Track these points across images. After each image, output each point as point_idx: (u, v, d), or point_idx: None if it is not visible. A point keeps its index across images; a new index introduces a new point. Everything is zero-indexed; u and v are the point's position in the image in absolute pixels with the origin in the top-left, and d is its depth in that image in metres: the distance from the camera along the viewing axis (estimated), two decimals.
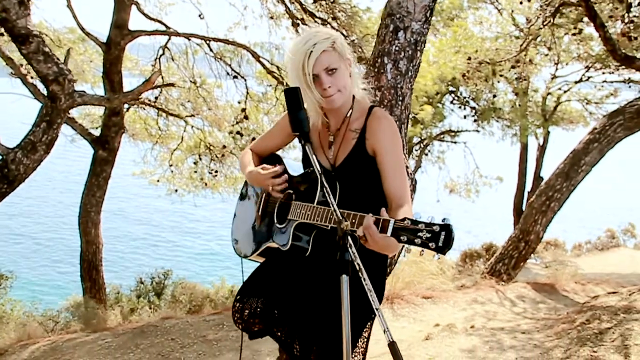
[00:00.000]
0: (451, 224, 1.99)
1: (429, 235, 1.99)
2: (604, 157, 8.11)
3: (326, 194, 2.24)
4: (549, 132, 15.52)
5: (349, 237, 2.10)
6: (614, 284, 8.31)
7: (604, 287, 7.94)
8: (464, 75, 10.60)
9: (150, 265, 18.34)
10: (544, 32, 9.88)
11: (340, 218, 2.16)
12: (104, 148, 9.91)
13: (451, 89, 13.03)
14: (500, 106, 13.79)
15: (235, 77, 10.87)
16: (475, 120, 13.82)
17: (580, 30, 10.21)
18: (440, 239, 1.97)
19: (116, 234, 23.27)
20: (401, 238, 2.05)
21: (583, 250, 17.64)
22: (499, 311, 6.61)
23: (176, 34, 10.17)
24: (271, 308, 2.69)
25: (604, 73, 13.74)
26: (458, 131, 14.77)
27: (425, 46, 3.65)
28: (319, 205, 2.50)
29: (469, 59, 10.02)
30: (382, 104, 3.47)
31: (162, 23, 10.26)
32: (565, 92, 14.99)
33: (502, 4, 11.16)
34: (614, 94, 14.58)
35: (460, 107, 13.70)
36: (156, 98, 11.23)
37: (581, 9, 8.80)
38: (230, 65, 10.84)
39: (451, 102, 13.90)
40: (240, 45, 10.33)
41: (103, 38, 9.78)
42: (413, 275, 7.20)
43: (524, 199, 17.13)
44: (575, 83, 14.61)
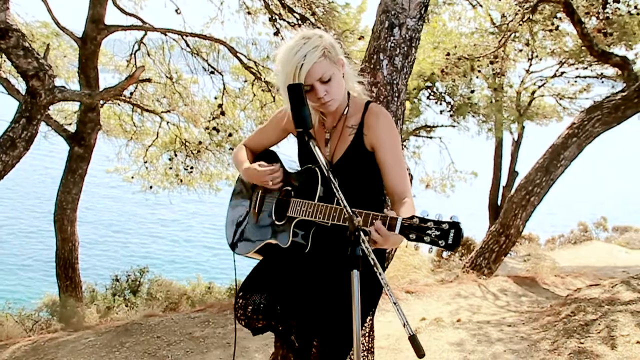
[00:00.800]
0: (460, 222, 2.02)
1: (438, 233, 2.03)
2: (582, 152, 8.25)
3: (334, 189, 2.23)
4: (523, 127, 15.71)
5: (361, 233, 2.10)
6: (591, 276, 8.45)
7: (583, 280, 8.07)
8: (442, 70, 10.67)
9: (123, 262, 18.22)
10: (522, 28, 10.00)
11: (351, 214, 2.16)
12: (80, 144, 9.76)
13: (428, 84, 13.10)
14: (476, 101, 13.90)
15: (212, 73, 10.80)
16: (451, 116, 13.91)
17: (557, 26, 10.36)
18: (450, 236, 2.01)
19: (89, 232, 22.94)
20: (410, 236, 2.09)
21: (556, 244, 17.94)
22: (482, 305, 6.68)
23: (152, 29, 10.06)
24: (274, 304, 2.70)
25: (577, 69, 13.96)
26: (434, 126, 14.86)
27: (419, 43, 3.66)
28: (319, 202, 2.50)
29: (448, 54, 10.08)
30: (379, 100, 3.48)
31: (138, 18, 10.15)
32: (539, 88, 15.19)
33: (479, 0, 11.24)
34: (586, 89, 14.79)
35: (436, 103, 13.79)
36: (131, 94, 11.11)
37: (558, 5, 8.93)
38: (207, 61, 10.76)
39: (427, 98, 13.97)
40: (217, 41, 10.25)
41: (78, 33, 9.63)
42: (396, 270, 7.25)
43: (500, 194, 17.35)
44: (549, 79, 14.80)
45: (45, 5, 9.22)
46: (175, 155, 12.31)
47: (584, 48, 10.36)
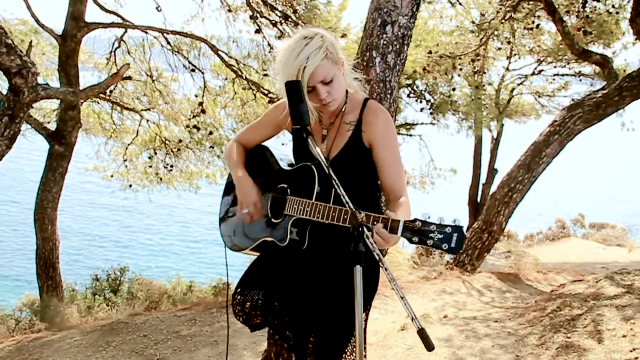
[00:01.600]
0: (462, 225, 2.05)
1: (440, 236, 2.06)
2: (564, 149, 8.35)
3: (335, 187, 2.24)
4: (502, 125, 15.87)
5: (364, 229, 2.11)
6: (572, 272, 8.55)
7: (565, 276, 8.17)
8: (424, 68, 10.73)
9: (102, 261, 18.05)
10: (503, 27, 10.09)
11: (354, 210, 2.17)
12: (61, 143, 9.65)
13: (408, 82, 13.15)
14: (457, 99, 13.99)
15: (192, 71, 10.73)
16: (431, 114, 13.97)
17: (537, 25, 10.47)
18: (453, 240, 2.05)
19: (67, 231, 22.67)
20: (413, 239, 2.11)
21: (535, 241, 18.13)
22: (468, 301, 6.73)
23: (133, 26, 9.99)
24: (271, 300, 2.70)
25: (555, 67, 14.15)
26: (414, 124, 14.91)
27: (411, 40, 3.67)
28: (317, 200, 2.49)
29: (430, 52, 10.14)
30: (371, 97, 3.48)
31: (119, 15, 10.05)
32: (518, 85, 15.36)
33: None
34: (565, 87, 15.01)
35: (416, 101, 13.84)
36: (111, 92, 11.00)
37: (538, 4, 9.02)
38: (187, 59, 10.70)
39: (408, 96, 14.02)
40: (198, 38, 10.21)
41: (58, 30, 9.51)
42: None
43: (479, 191, 17.53)
44: (527, 77, 14.97)
45: (24, 2, 9.09)
46: (155, 153, 12.24)
47: (563, 46, 10.50)
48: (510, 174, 8.51)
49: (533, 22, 10.26)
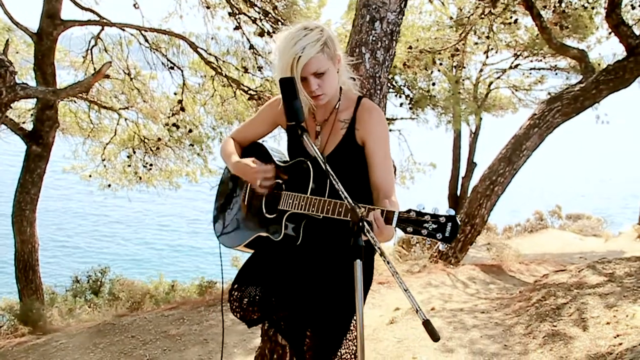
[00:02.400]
0: (456, 215, 2.09)
1: (435, 226, 2.10)
2: (544, 142, 8.46)
3: (333, 182, 2.25)
4: (481, 119, 16.00)
5: (365, 223, 2.13)
6: (553, 263, 8.69)
7: (546, 267, 8.30)
8: (404, 64, 10.78)
9: (81, 263, 17.83)
10: (482, 22, 10.17)
11: (354, 205, 2.19)
12: (38, 143, 9.50)
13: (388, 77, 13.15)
14: (436, 94, 14.06)
15: (171, 68, 10.64)
16: (410, 108, 14.00)
17: (516, 19, 10.59)
18: (447, 229, 2.08)
19: (46, 232, 22.40)
20: (407, 229, 2.14)
21: (513, 232, 18.33)
22: (453, 293, 6.80)
23: (110, 24, 9.84)
24: (268, 296, 2.71)
25: (532, 61, 14.31)
26: (393, 119, 14.94)
27: (399, 36, 3.70)
28: (311, 195, 2.51)
29: (410, 47, 10.20)
30: (362, 93, 3.50)
31: (95, 13, 9.91)
32: (496, 80, 15.51)
33: None
34: (541, 81, 15.18)
35: (395, 96, 13.86)
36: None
37: None
38: (166, 56, 10.60)
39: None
40: (177, 35, 10.11)
41: (33, 28, 9.37)
42: None
43: (459, 184, 17.69)
44: (504, 71, 15.13)
45: None
46: (134, 152, 12.10)
47: (539, 40, 10.62)
48: (492, 167, 8.61)
49: (511, 17, 10.37)
